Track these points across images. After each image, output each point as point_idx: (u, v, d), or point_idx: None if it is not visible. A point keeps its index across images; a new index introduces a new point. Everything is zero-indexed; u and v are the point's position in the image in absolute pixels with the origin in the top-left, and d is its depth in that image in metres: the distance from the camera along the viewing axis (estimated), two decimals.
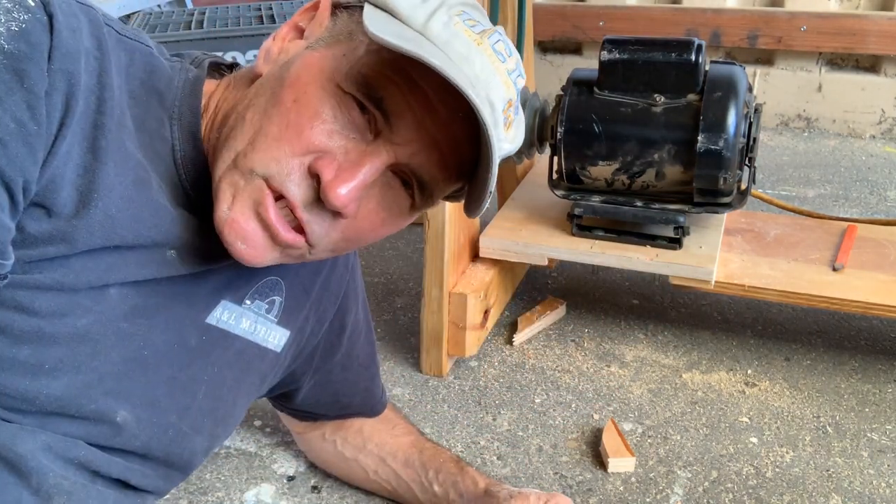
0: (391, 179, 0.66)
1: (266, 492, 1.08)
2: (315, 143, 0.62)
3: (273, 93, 0.64)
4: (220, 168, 0.64)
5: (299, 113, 0.62)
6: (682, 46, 1.22)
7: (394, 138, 0.63)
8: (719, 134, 1.17)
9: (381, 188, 0.66)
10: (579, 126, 1.26)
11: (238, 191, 0.63)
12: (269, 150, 0.62)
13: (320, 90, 0.62)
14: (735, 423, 1.22)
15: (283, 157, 0.62)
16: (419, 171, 0.65)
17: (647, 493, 1.07)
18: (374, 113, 0.63)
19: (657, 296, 1.59)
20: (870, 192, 2.13)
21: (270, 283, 0.79)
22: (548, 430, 1.20)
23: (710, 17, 2.59)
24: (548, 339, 1.45)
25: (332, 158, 0.62)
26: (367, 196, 0.65)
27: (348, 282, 0.94)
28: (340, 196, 0.61)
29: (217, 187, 0.64)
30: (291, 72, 0.64)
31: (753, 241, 1.39)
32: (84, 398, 0.64)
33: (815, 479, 1.10)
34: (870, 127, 2.58)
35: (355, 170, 0.62)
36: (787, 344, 1.42)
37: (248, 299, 0.77)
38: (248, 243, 0.64)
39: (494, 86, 0.63)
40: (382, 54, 0.62)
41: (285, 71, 0.65)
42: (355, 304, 0.97)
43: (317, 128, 0.62)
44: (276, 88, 0.64)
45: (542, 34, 2.74)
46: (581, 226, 1.32)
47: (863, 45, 2.48)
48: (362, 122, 0.63)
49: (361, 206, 0.65)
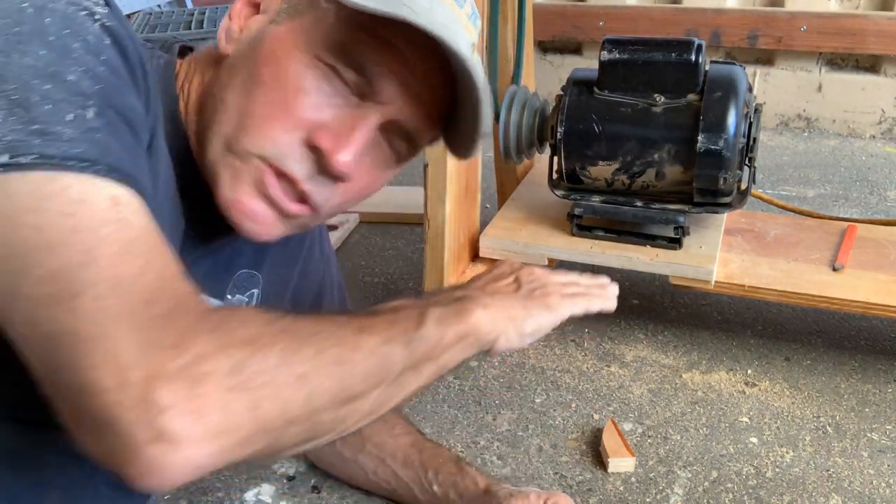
0: (377, 136, 0.68)
1: (266, 492, 1.08)
2: (306, 117, 0.64)
3: (249, 73, 0.65)
4: (210, 152, 0.66)
5: (283, 90, 0.63)
6: (682, 46, 1.22)
7: (379, 98, 0.65)
8: (719, 134, 1.17)
9: (372, 147, 0.68)
10: (579, 126, 1.26)
11: (236, 172, 0.65)
12: (261, 129, 0.64)
13: (299, 64, 0.64)
14: (735, 423, 1.22)
15: (277, 135, 0.64)
16: (406, 125, 0.68)
17: (647, 493, 1.07)
18: (356, 78, 0.65)
19: (657, 296, 1.59)
20: (870, 192, 2.13)
21: (247, 277, 0.80)
22: (548, 430, 1.20)
23: (710, 17, 2.59)
24: (548, 339, 1.45)
25: (326, 129, 0.64)
26: (361, 158, 0.67)
27: (324, 270, 0.96)
28: (343, 163, 0.64)
29: (213, 171, 0.66)
30: (264, 49, 0.65)
31: (753, 241, 1.39)
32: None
33: (815, 479, 1.10)
34: (870, 127, 2.58)
35: (351, 135, 0.64)
36: (787, 344, 1.42)
37: (229, 293, 0.78)
38: (256, 221, 0.66)
39: (459, 32, 0.66)
40: (354, 19, 0.63)
41: (256, 49, 0.66)
42: (331, 291, 0.99)
43: (304, 102, 0.64)
44: (252, 68, 0.65)
45: (542, 34, 2.74)
46: (581, 226, 1.32)
47: (863, 45, 2.48)
48: (344, 88, 0.65)
49: (356, 169, 0.67)
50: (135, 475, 0.46)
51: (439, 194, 1.22)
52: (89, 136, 0.50)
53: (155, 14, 2.18)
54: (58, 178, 0.49)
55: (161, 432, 0.46)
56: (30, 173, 0.48)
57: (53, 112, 0.50)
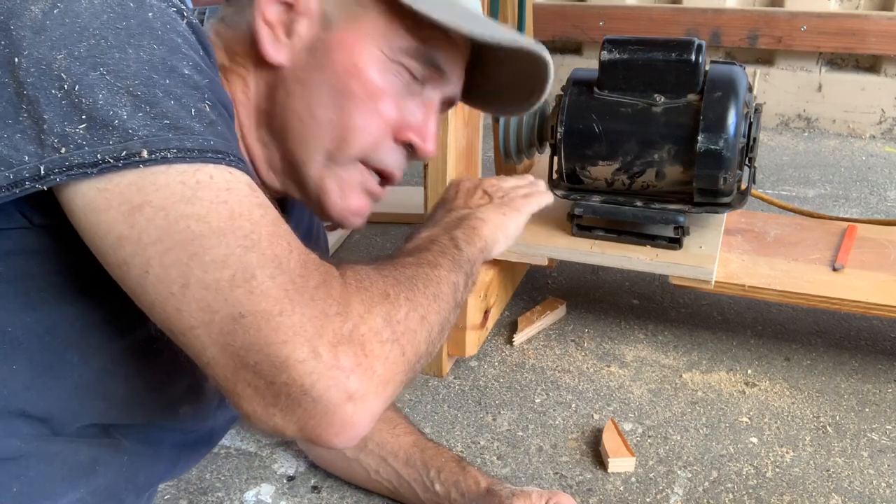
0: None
1: (266, 492, 1.08)
2: (393, 118, 0.70)
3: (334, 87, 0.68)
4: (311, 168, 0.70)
5: (373, 99, 0.68)
6: (682, 46, 1.22)
7: (445, 80, 0.73)
8: (719, 134, 1.17)
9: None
10: (579, 126, 1.26)
11: (342, 179, 0.71)
12: (362, 138, 0.69)
13: (379, 72, 0.68)
14: (735, 423, 1.22)
15: (375, 140, 0.70)
16: (454, 97, 0.77)
17: (647, 493, 1.08)
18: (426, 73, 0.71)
19: (657, 296, 1.59)
20: (870, 192, 2.13)
21: None
22: (548, 430, 1.21)
23: (710, 17, 2.59)
24: (548, 339, 1.45)
25: (408, 124, 0.72)
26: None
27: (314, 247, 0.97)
28: (431, 150, 0.73)
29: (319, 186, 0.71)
30: (341, 61, 0.68)
31: (753, 241, 1.39)
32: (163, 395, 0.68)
33: (815, 479, 1.10)
34: (870, 127, 2.58)
35: (429, 123, 0.73)
36: (787, 344, 1.42)
37: None
38: (362, 216, 0.74)
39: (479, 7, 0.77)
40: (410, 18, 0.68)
41: (326, 60, 0.68)
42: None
43: (390, 105, 0.70)
44: (335, 82, 0.68)
45: (542, 34, 2.73)
46: (581, 226, 1.32)
47: (863, 45, 2.48)
48: (411, 80, 0.71)
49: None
50: (331, 434, 0.52)
51: (439, 194, 1.22)
52: (213, 130, 0.52)
53: None
54: (202, 169, 0.51)
55: (352, 392, 0.51)
56: (174, 166, 0.50)
57: (179, 107, 0.51)
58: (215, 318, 0.50)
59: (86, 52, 0.49)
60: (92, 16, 0.51)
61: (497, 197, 0.85)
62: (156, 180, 0.49)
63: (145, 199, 0.49)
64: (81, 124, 0.49)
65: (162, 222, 0.49)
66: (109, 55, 0.50)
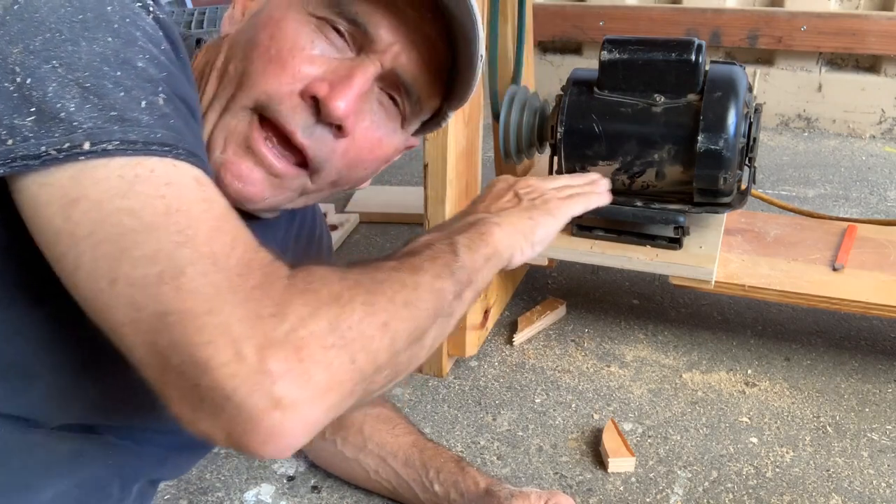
0: (380, 96, 0.69)
1: (266, 492, 1.08)
2: (301, 70, 0.65)
3: (248, 39, 0.66)
4: (210, 122, 0.66)
5: (279, 47, 0.64)
6: (682, 46, 1.22)
7: (375, 47, 0.67)
8: (719, 134, 1.17)
9: (372, 105, 0.69)
10: (579, 126, 1.26)
11: (229, 132, 0.65)
12: (258, 84, 0.64)
13: (293, 22, 0.65)
14: (735, 423, 1.22)
15: (272, 88, 0.64)
16: (404, 75, 0.69)
17: (647, 493, 1.08)
18: (352, 30, 0.66)
19: (657, 296, 1.59)
20: (870, 192, 2.13)
21: None
22: (548, 430, 1.20)
23: (710, 17, 2.59)
24: (548, 339, 1.45)
25: (322, 79, 0.65)
26: (362, 113, 0.67)
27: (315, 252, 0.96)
28: (340, 108, 0.64)
29: (209, 139, 0.66)
30: (262, 17, 0.67)
31: (753, 241, 1.39)
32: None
33: (815, 479, 1.10)
34: (870, 127, 2.58)
35: (349, 81, 0.65)
36: (787, 344, 1.42)
37: None
38: (244, 181, 0.66)
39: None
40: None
41: (256, 18, 0.67)
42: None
43: (299, 55, 0.65)
44: (252, 34, 0.66)
45: (542, 34, 2.74)
46: (581, 226, 1.32)
47: (863, 45, 2.48)
48: (341, 42, 0.66)
49: (357, 125, 0.67)
50: (257, 444, 0.47)
51: (439, 194, 1.22)
52: (164, 122, 0.51)
53: None
54: (143, 163, 0.50)
55: (279, 399, 0.46)
56: (115, 158, 0.49)
57: (128, 99, 0.50)
58: (142, 316, 0.48)
59: (41, 46, 0.50)
60: (50, 10, 0.51)
61: (528, 199, 0.78)
62: (95, 174, 0.49)
63: (82, 193, 0.48)
64: (30, 117, 0.48)
65: (95, 216, 0.48)
66: (63, 48, 0.50)
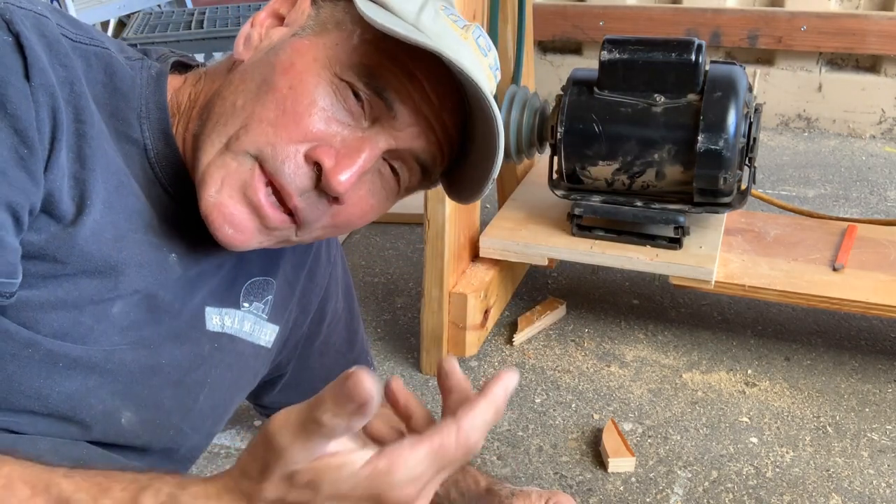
0: (382, 166, 0.67)
1: None
2: (313, 130, 0.62)
3: (264, 78, 0.64)
4: (208, 154, 0.63)
5: (296, 100, 0.62)
6: (682, 46, 1.22)
7: (395, 125, 0.64)
8: (719, 134, 1.17)
9: (372, 175, 0.67)
10: (579, 126, 1.26)
11: (228, 173, 0.63)
12: (265, 134, 0.62)
13: (316, 77, 0.63)
14: (735, 423, 1.22)
15: (280, 142, 0.62)
16: (422, 155, 0.67)
17: (647, 493, 1.08)
18: (373, 101, 0.63)
19: (657, 296, 1.59)
20: (870, 192, 2.13)
21: (262, 283, 0.79)
22: (548, 430, 1.20)
23: (710, 17, 2.59)
24: (548, 339, 1.45)
25: (330, 146, 0.63)
26: (360, 182, 0.65)
27: (330, 273, 0.96)
28: (342, 182, 0.62)
29: (205, 172, 0.63)
30: (282, 58, 0.64)
31: (753, 241, 1.39)
32: (94, 398, 0.64)
33: (815, 479, 1.10)
34: (870, 127, 2.58)
35: (355, 156, 0.63)
36: (787, 344, 1.42)
37: (245, 302, 0.77)
38: (235, 227, 0.63)
39: (482, 79, 0.64)
40: (379, 44, 0.63)
41: (274, 57, 0.65)
42: (336, 293, 0.98)
43: (315, 115, 0.62)
44: (268, 74, 0.64)
45: (542, 34, 2.74)
46: (581, 226, 1.32)
47: (863, 45, 2.48)
48: (358, 110, 0.64)
49: (353, 194, 0.65)
50: None
51: (439, 194, 1.23)
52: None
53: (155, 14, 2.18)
54: None
55: None
56: None
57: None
58: None
59: None
60: None
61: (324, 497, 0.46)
62: None
63: None
64: None
65: None
66: None
